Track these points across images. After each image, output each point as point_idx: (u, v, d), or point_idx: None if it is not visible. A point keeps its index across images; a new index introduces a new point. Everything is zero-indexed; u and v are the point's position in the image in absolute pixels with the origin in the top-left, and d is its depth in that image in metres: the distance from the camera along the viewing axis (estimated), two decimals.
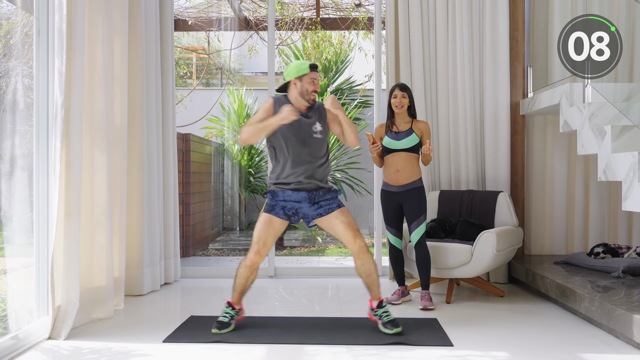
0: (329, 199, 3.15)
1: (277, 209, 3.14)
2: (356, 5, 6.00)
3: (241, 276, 3.14)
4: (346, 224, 3.11)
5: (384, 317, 3.10)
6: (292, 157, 3.12)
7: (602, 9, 4.38)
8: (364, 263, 3.11)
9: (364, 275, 3.14)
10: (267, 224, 3.12)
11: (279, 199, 3.14)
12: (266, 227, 3.12)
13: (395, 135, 3.69)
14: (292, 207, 3.14)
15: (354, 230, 3.10)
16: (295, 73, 3.11)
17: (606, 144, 3.22)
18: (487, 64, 4.47)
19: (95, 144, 3.34)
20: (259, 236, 3.11)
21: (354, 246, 3.09)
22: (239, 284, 3.15)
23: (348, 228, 3.10)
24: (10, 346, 2.68)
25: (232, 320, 3.14)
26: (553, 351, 2.79)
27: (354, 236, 3.09)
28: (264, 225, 3.12)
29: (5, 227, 3.10)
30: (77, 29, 3.08)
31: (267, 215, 3.14)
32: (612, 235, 4.64)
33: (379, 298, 3.15)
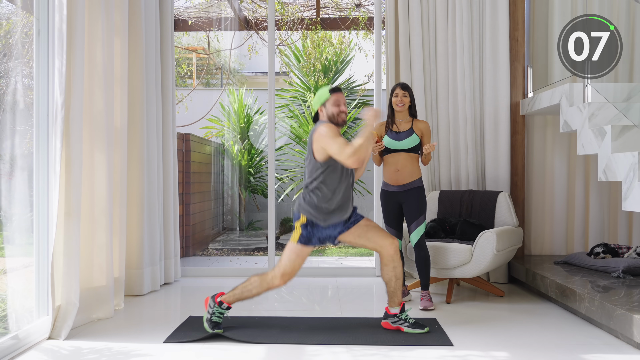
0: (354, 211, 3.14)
1: (314, 239, 3.02)
2: (356, 5, 6.00)
3: (254, 292, 3.05)
4: (377, 229, 3.08)
5: (409, 319, 3.10)
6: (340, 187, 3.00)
7: (602, 9, 4.38)
8: (396, 266, 3.06)
9: (394, 279, 3.06)
10: (301, 255, 3.02)
11: (319, 229, 3.01)
12: (300, 259, 3.03)
13: (396, 135, 3.69)
14: (327, 235, 3.04)
15: (386, 233, 3.08)
16: (319, 102, 3.07)
17: (606, 144, 3.22)
18: (487, 64, 4.47)
19: (95, 144, 3.34)
20: (292, 267, 3.01)
21: (391, 248, 3.02)
22: (246, 291, 3.05)
23: (380, 231, 3.07)
24: (10, 346, 2.68)
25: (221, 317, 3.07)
26: (553, 351, 2.79)
27: (391, 238, 3.04)
28: (298, 257, 3.02)
29: (5, 227, 3.10)
30: (77, 29, 3.08)
31: (303, 246, 3.01)
32: (612, 235, 4.64)
33: (402, 302, 3.13)
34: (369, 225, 3.09)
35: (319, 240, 3.04)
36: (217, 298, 3.09)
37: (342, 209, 3.03)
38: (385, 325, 3.15)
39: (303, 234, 3.00)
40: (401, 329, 3.10)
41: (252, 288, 3.05)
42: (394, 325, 3.13)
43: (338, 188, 3.00)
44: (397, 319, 3.12)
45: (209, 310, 3.07)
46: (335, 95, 3.04)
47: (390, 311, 3.13)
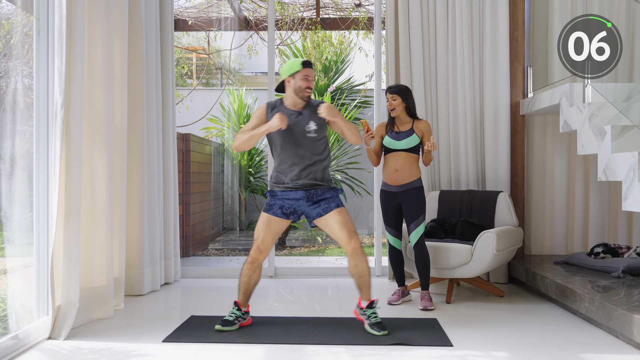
0: (328, 198, 3.15)
1: (275, 208, 3.17)
2: (356, 5, 6.00)
3: (244, 274, 3.19)
4: (342, 224, 3.10)
5: (372, 318, 3.11)
6: (288, 156, 3.13)
7: (602, 9, 4.38)
8: (357, 264, 3.11)
9: (356, 276, 3.14)
10: (266, 223, 3.17)
11: (277, 198, 3.18)
12: (265, 226, 3.16)
13: (396, 135, 3.68)
14: (290, 205, 3.16)
15: (349, 230, 3.10)
16: (288, 71, 3.12)
17: (606, 144, 3.22)
18: (487, 64, 4.47)
19: (95, 144, 3.34)
20: (258, 234, 3.16)
21: (348, 247, 3.10)
22: (242, 282, 3.20)
23: (343, 228, 3.10)
24: (10, 346, 2.68)
25: (237, 320, 3.16)
26: (553, 351, 2.79)
27: (349, 237, 3.09)
28: (262, 224, 3.17)
29: (5, 227, 3.10)
30: (77, 29, 3.08)
31: (266, 214, 3.18)
32: (612, 235, 4.63)
33: (370, 299, 3.16)
34: (335, 218, 3.11)
35: (282, 210, 3.16)
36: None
37: (293, 182, 3.12)
38: (355, 314, 3.24)
39: (268, 201, 3.20)
40: (364, 323, 3.14)
41: (244, 275, 3.19)
42: (360, 316, 3.19)
43: (283, 157, 3.13)
44: (362, 313, 3.16)
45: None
46: (306, 70, 3.11)
47: (360, 303, 3.18)
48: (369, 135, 3.54)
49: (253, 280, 3.20)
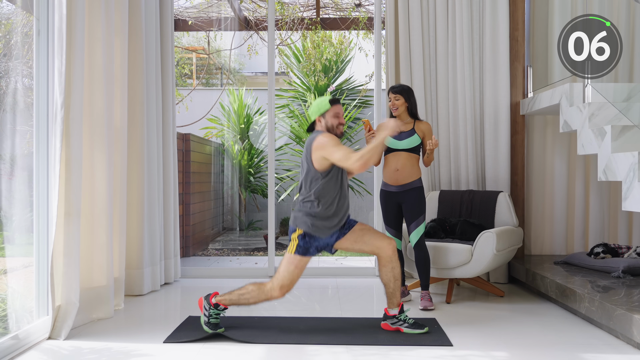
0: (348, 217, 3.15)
1: (312, 249, 3.00)
2: (356, 5, 6.00)
3: (251, 297, 3.00)
4: (373, 232, 3.08)
5: (408, 320, 3.10)
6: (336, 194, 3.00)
7: (602, 9, 4.38)
8: (395, 267, 3.06)
9: (392, 280, 3.06)
10: (299, 267, 2.97)
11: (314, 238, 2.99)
12: (298, 270, 2.97)
13: (397, 135, 3.68)
14: (324, 243, 3.03)
15: (383, 235, 3.08)
16: (318, 111, 3.05)
17: (606, 144, 3.22)
18: (487, 64, 4.47)
19: (95, 144, 3.34)
20: (291, 279, 2.95)
21: (389, 249, 3.03)
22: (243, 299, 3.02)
23: (377, 233, 3.07)
24: (10, 346, 2.68)
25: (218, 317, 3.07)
26: (553, 351, 2.79)
27: (387, 239, 3.05)
28: (295, 269, 2.96)
29: (5, 227, 3.10)
30: (77, 29, 3.08)
31: (301, 257, 2.97)
32: (612, 235, 4.63)
33: (400, 303, 3.13)
34: (364, 229, 3.08)
35: (317, 249, 3.02)
36: (212, 299, 3.07)
37: (340, 217, 3.03)
38: (385, 327, 3.15)
39: (300, 244, 2.97)
40: (400, 329, 3.10)
41: (249, 297, 3.01)
42: (393, 326, 3.13)
43: (337, 196, 3.00)
44: (397, 320, 3.12)
45: (205, 313, 3.06)
46: (335, 107, 3.05)
47: (390, 312, 3.13)
48: (371, 135, 3.54)
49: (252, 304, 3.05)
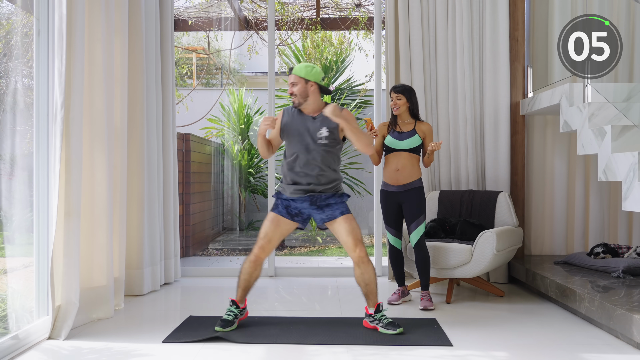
0: (332, 204, 3.15)
1: (280, 207, 3.19)
2: (356, 5, 6.00)
3: (245, 271, 3.18)
4: (348, 232, 3.10)
5: (383, 320, 3.10)
6: (296, 161, 3.13)
7: (602, 9, 4.38)
8: (364, 272, 3.11)
9: (362, 283, 3.14)
10: (273, 222, 3.18)
11: (282, 198, 3.19)
12: (271, 225, 3.17)
13: (398, 135, 3.69)
14: (295, 207, 3.17)
15: (355, 239, 3.10)
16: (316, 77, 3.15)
17: (606, 144, 3.22)
18: (487, 64, 4.47)
19: (95, 144, 3.34)
20: (264, 232, 3.17)
21: (354, 254, 3.10)
22: (242, 280, 3.19)
23: (350, 236, 3.10)
24: (10, 346, 2.68)
25: (236, 319, 3.17)
26: (553, 351, 2.79)
27: (355, 245, 3.09)
28: (269, 223, 3.18)
29: (5, 227, 3.10)
30: (77, 29, 3.08)
31: (272, 213, 3.19)
32: (612, 235, 4.63)
33: (377, 303, 3.15)
34: (342, 225, 3.12)
35: (287, 210, 3.17)
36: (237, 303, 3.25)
37: (300, 179, 3.13)
38: (365, 324, 3.20)
39: (275, 201, 3.22)
40: (377, 328, 3.12)
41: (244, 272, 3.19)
42: (370, 324, 3.16)
43: (292, 164, 3.14)
44: (372, 319, 3.15)
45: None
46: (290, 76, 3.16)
47: (368, 311, 3.17)
48: (373, 134, 3.54)
49: (254, 278, 3.20)
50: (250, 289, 3.24)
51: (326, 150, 3.12)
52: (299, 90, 3.11)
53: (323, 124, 3.12)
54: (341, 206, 3.17)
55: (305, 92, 3.11)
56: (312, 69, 3.11)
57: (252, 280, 3.20)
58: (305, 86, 3.11)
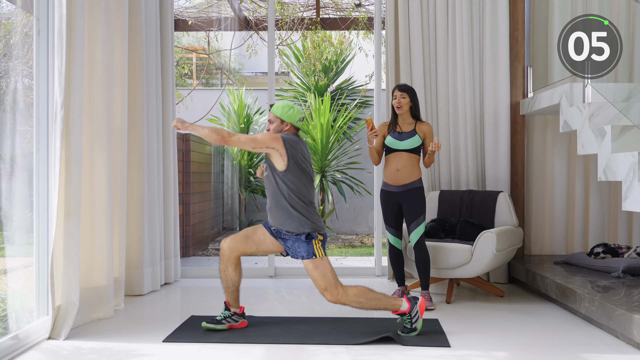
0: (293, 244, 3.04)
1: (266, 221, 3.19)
2: (356, 5, 6.00)
3: (219, 269, 3.16)
4: (313, 279, 3.01)
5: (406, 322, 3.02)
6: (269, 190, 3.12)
7: (602, 9, 4.38)
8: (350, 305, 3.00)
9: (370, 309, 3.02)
10: (254, 227, 3.18)
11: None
12: (252, 229, 3.17)
13: (398, 135, 3.69)
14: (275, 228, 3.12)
15: (320, 288, 2.99)
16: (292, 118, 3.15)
17: (606, 144, 3.23)
18: (487, 64, 4.47)
19: (95, 143, 3.34)
20: (245, 230, 3.17)
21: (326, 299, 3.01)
22: (221, 280, 3.16)
23: (315, 283, 3.01)
24: (10, 346, 2.68)
25: (225, 320, 3.14)
26: (553, 351, 2.79)
27: (322, 292, 3.00)
28: (251, 227, 3.20)
29: (5, 227, 3.10)
30: (77, 29, 3.08)
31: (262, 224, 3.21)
32: (612, 235, 4.63)
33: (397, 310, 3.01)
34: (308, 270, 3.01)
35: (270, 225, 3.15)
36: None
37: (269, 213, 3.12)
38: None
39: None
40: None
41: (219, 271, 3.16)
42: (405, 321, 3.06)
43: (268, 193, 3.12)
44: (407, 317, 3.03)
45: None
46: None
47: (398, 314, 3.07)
48: (373, 133, 3.55)
49: (229, 277, 3.12)
50: (234, 292, 3.15)
51: (269, 182, 3.06)
52: (274, 128, 3.13)
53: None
54: (302, 249, 3.01)
55: (279, 131, 3.13)
56: (289, 110, 3.11)
57: (228, 280, 3.12)
58: (281, 126, 3.12)
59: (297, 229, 3.00)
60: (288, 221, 3.02)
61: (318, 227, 3.03)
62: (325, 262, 3.00)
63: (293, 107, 3.12)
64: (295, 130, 3.15)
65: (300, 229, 3.00)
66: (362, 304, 2.99)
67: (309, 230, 2.99)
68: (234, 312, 3.18)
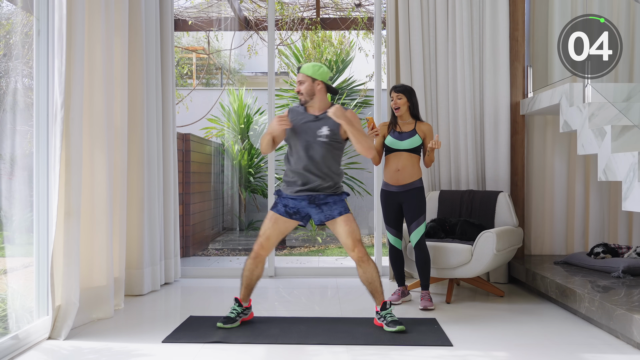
0: (330, 204, 3.16)
1: (279, 206, 3.21)
2: (356, 5, 6.00)
3: (247, 268, 3.24)
4: (348, 233, 3.12)
5: (387, 317, 3.13)
6: (296, 160, 3.16)
7: (602, 9, 4.38)
8: (365, 271, 3.14)
9: (366, 282, 3.17)
10: (271, 220, 3.21)
11: (281, 197, 3.23)
12: (270, 223, 3.21)
13: (398, 135, 3.69)
14: (293, 205, 3.19)
15: (354, 240, 3.12)
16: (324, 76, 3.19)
17: (606, 144, 3.22)
18: (487, 64, 4.47)
19: (95, 144, 3.34)
20: (263, 230, 3.21)
21: (353, 255, 3.13)
22: (245, 277, 3.24)
23: (349, 237, 3.12)
24: (10, 346, 2.68)
25: (238, 317, 3.21)
26: (553, 351, 2.79)
27: (353, 245, 3.11)
28: (268, 221, 3.22)
29: (5, 227, 3.10)
30: (77, 29, 3.08)
31: (272, 212, 3.23)
32: (612, 235, 4.63)
33: (382, 301, 3.17)
34: (341, 226, 3.14)
35: (285, 209, 3.19)
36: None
37: (300, 179, 3.15)
38: (375, 322, 3.23)
39: (275, 200, 3.26)
40: (383, 326, 3.14)
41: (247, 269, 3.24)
42: (378, 322, 3.19)
43: (293, 163, 3.17)
44: (379, 316, 3.18)
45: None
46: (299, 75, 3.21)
47: (377, 308, 3.20)
48: (374, 133, 3.55)
49: (255, 275, 3.24)
50: (253, 287, 3.28)
51: (326, 149, 3.14)
52: (305, 88, 3.14)
53: (325, 123, 3.13)
54: (339, 206, 3.18)
55: (312, 90, 3.14)
56: (320, 68, 3.14)
57: (253, 278, 3.24)
58: (312, 85, 3.14)
59: (340, 189, 3.22)
60: (339, 184, 3.21)
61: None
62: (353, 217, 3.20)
63: (322, 66, 3.17)
64: (327, 89, 3.18)
65: (342, 189, 3.24)
66: (374, 277, 3.14)
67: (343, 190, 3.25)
68: (246, 307, 3.27)
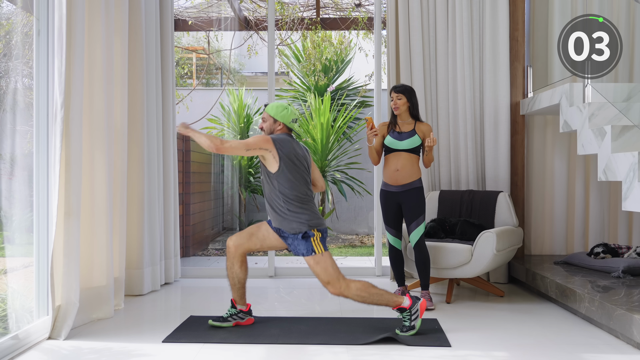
0: (293, 240, 3.07)
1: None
2: (356, 5, 6.00)
3: (226, 266, 3.22)
4: (316, 274, 3.05)
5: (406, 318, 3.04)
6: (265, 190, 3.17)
7: (602, 9, 4.38)
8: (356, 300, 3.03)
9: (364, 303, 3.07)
10: (258, 225, 3.23)
11: None
12: (256, 226, 3.23)
13: (398, 135, 3.69)
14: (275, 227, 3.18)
15: (322, 282, 3.03)
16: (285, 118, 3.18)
17: (606, 144, 3.23)
18: (487, 64, 4.47)
19: (95, 144, 3.34)
20: (249, 228, 3.23)
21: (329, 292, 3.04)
22: (228, 277, 3.23)
23: (318, 277, 3.05)
24: (10, 346, 2.68)
25: (231, 318, 3.21)
26: (553, 351, 2.79)
27: (324, 285, 3.03)
28: (255, 224, 3.25)
29: (5, 227, 3.10)
30: (77, 29, 3.08)
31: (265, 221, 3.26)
32: (612, 235, 4.63)
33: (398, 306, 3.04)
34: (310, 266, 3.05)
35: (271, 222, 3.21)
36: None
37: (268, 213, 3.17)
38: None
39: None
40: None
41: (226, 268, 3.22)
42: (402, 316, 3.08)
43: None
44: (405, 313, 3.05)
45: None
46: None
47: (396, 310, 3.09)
48: (373, 133, 3.55)
49: (235, 273, 3.18)
50: (240, 289, 3.21)
51: (266, 184, 3.10)
52: (267, 126, 3.18)
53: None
54: (302, 247, 3.03)
55: (271, 130, 3.17)
56: (283, 110, 3.14)
57: (234, 277, 3.19)
58: (274, 125, 3.16)
59: (293, 229, 3.03)
60: (285, 222, 3.06)
61: (315, 224, 3.04)
62: (326, 257, 3.02)
63: (287, 108, 3.15)
64: (287, 131, 3.17)
65: (297, 229, 3.02)
66: (364, 298, 3.02)
67: (305, 229, 3.01)
68: (240, 310, 3.22)
